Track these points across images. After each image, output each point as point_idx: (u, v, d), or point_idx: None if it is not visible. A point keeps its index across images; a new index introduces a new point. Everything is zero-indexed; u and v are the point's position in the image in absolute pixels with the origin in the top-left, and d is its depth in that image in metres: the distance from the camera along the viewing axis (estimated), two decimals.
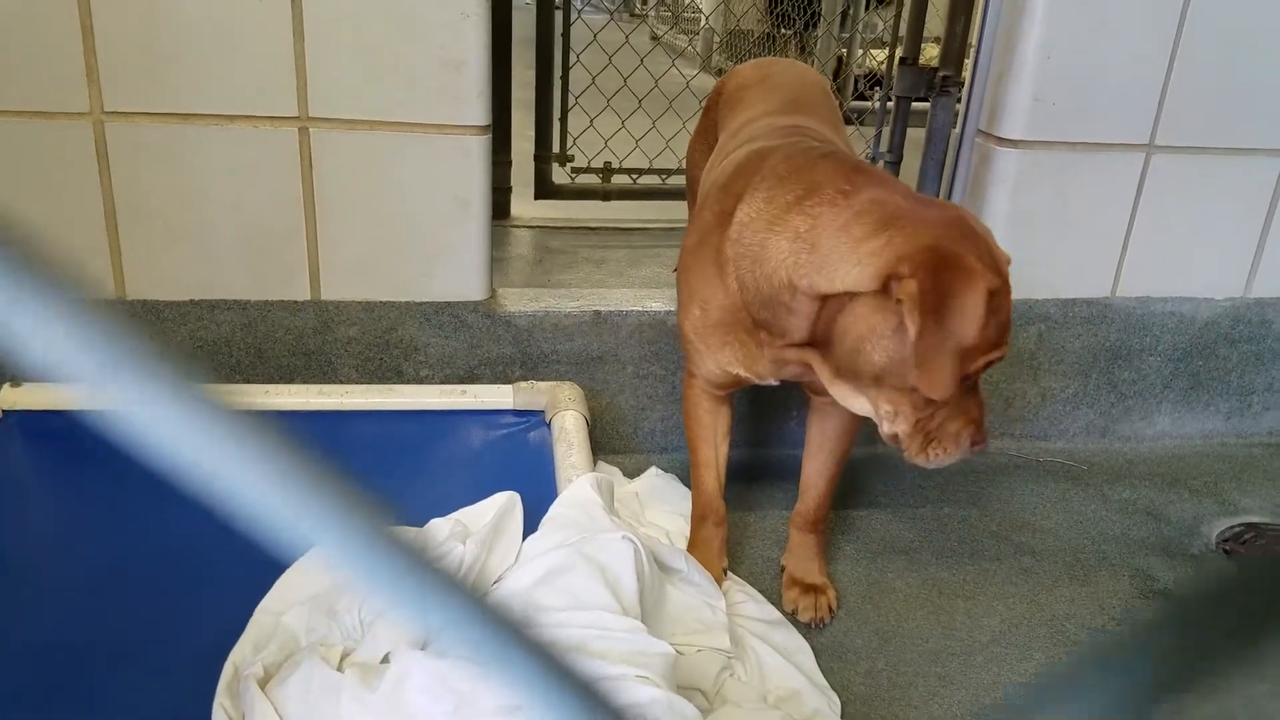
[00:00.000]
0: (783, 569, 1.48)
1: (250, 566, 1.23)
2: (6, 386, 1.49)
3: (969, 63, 1.91)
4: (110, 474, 1.41)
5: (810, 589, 1.43)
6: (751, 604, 1.40)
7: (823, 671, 1.29)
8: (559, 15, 2.45)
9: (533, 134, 2.45)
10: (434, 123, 1.51)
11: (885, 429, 1.17)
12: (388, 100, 1.49)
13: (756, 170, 1.23)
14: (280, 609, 1.19)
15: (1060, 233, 1.79)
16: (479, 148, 1.54)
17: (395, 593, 0.22)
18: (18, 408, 1.48)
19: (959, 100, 2.02)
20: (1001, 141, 1.73)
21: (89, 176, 1.47)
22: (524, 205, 2.48)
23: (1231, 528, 1.68)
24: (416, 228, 1.57)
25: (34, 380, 1.52)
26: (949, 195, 1.93)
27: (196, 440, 0.19)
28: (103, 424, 0.19)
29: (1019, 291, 1.80)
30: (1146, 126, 1.74)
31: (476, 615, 0.23)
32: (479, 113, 1.52)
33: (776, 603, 1.41)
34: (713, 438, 1.40)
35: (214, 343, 1.59)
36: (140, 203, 1.50)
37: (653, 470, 1.67)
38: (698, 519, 1.44)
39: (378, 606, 1.16)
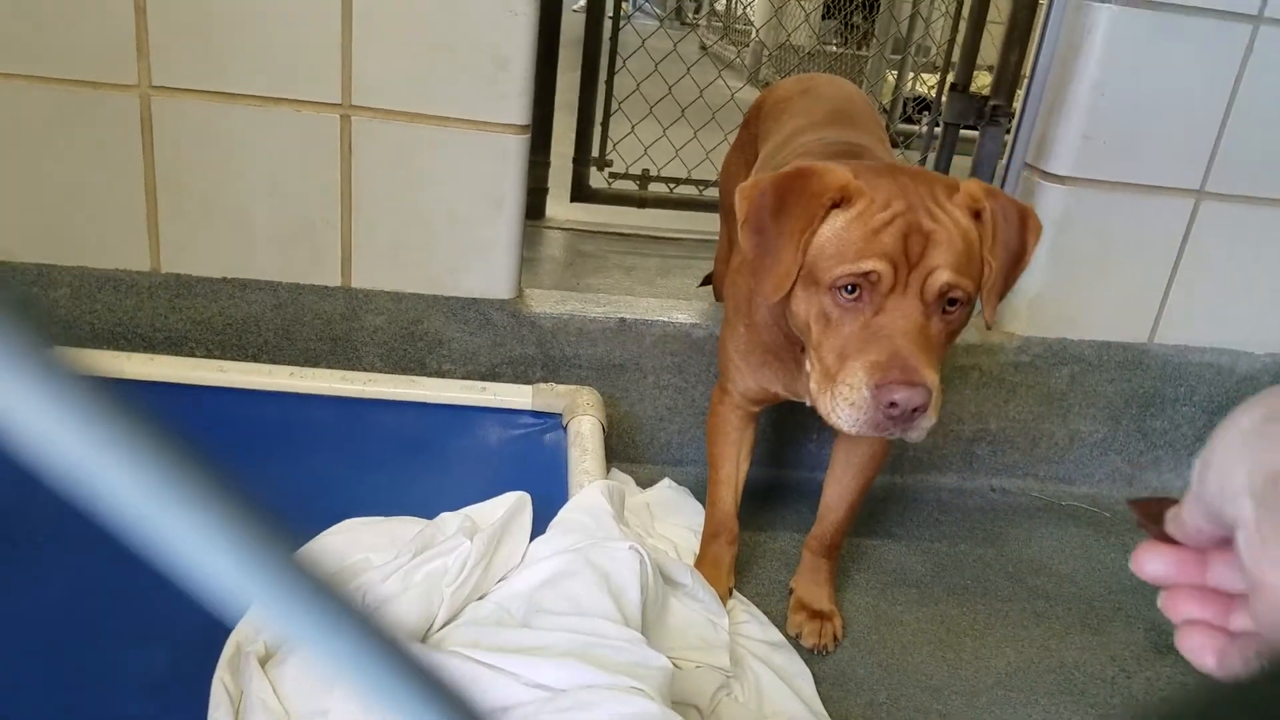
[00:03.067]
0: (790, 591, 1.46)
1: None
2: None
3: (1021, 94, 1.88)
4: None
5: (817, 614, 1.41)
6: (755, 625, 1.39)
7: (822, 699, 1.28)
8: (608, 19, 2.45)
9: (574, 137, 2.45)
10: (474, 119, 1.51)
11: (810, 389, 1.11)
12: (430, 93, 1.49)
13: None
14: None
15: (1101, 273, 1.76)
16: (517, 147, 1.54)
17: (291, 621, 0.20)
18: None
19: (1008, 131, 2.00)
20: (1048, 176, 1.71)
21: (132, 149, 1.48)
22: (559, 207, 2.48)
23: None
24: (449, 222, 1.57)
25: None
26: None
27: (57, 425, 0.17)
28: (122, 392, 0.18)
29: (1054, 330, 1.79)
30: (1198, 172, 1.71)
31: (379, 653, 0.21)
32: (520, 112, 1.52)
33: (781, 625, 1.40)
34: (736, 455, 1.40)
35: (243, 321, 1.59)
36: (180, 178, 1.51)
37: (666, 482, 1.66)
38: (709, 535, 1.42)
39: (384, 593, 1.16)
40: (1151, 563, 0.50)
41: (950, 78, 2.77)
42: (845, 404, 1.03)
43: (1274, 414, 0.41)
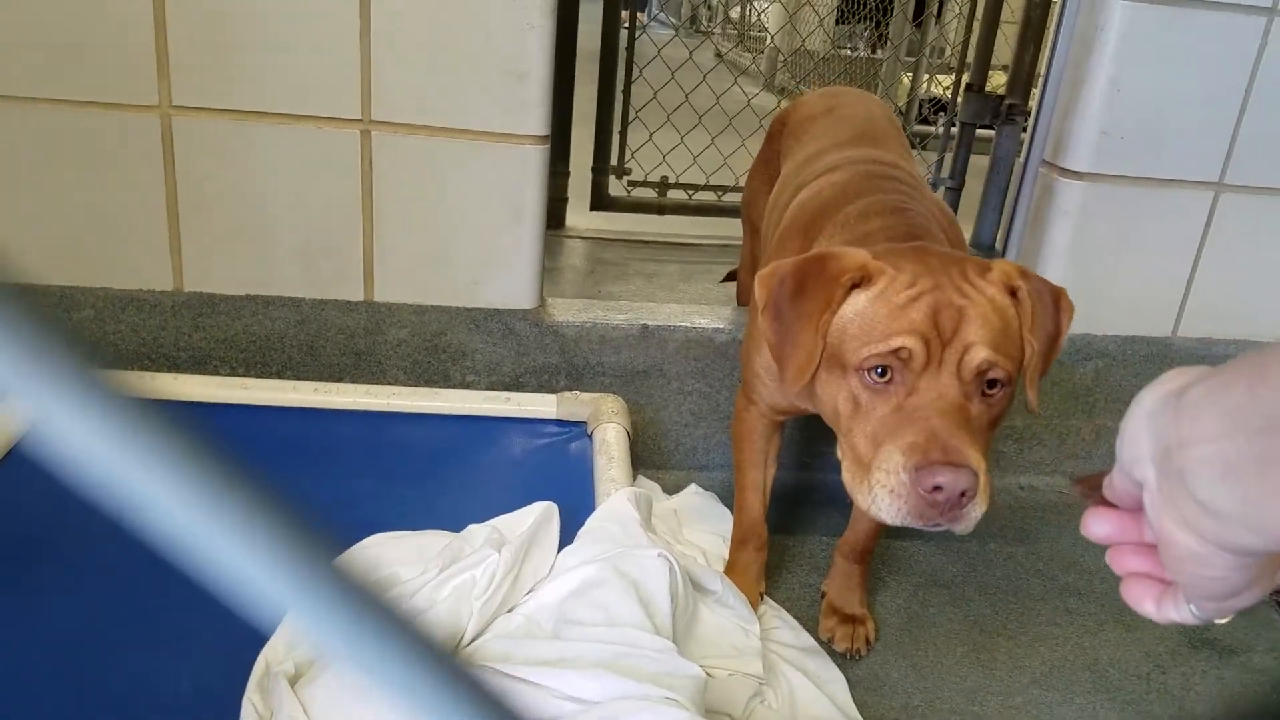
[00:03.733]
0: (822, 595, 1.45)
1: None
2: None
3: (1036, 92, 1.88)
4: None
5: (849, 619, 1.40)
6: (787, 630, 1.38)
7: (856, 704, 1.27)
8: (624, 29, 2.46)
9: (593, 146, 2.46)
10: (493, 131, 1.52)
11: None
12: (449, 106, 1.50)
13: (835, 213, 1.25)
14: None
15: (1122, 268, 1.75)
16: (537, 158, 1.54)
17: (342, 637, 0.20)
18: None
19: (1024, 129, 1.99)
20: (1065, 173, 1.70)
21: (154, 169, 1.50)
22: (579, 216, 2.49)
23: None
24: (470, 234, 1.58)
25: None
26: (1010, 225, 1.90)
27: (112, 448, 0.17)
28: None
29: (1077, 326, 1.77)
30: (1216, 165, 1.70)
31: (434, 671, 0.21)
32: (538, 123, 1.53)
33: (812, 630, 1.39)
34: (762, 462, 1.39)
35: (267, 338, 1.60)
36: (202, 197, 1.52)
37: (692, 487, 1.66)
38: (738, 542, 1.42)
39: (414, 609, 1.17)
40: (1097, 525, 0.58)
41: (965, 78, 2.76)
42: (884, 492, 0.95)
43: (1169, 394, 0.47)
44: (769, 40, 4.54)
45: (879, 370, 0.99)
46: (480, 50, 1.48)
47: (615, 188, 2.52)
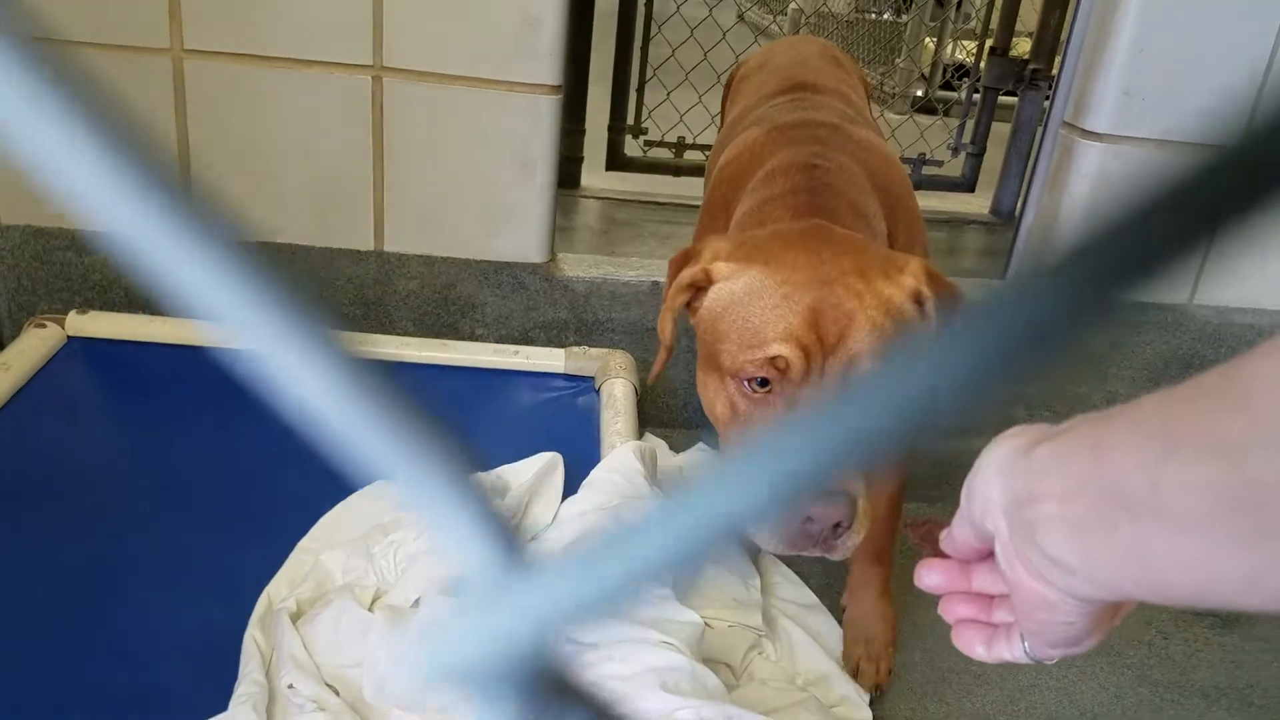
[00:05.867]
0: (843, 609, 1.31)
1: (294, 504, 1.25)
2: (73, 313, 1.53)
3: (1060, 59, 1.85)
4: (166, 405, 1.44)
5: (872, 653, 1.25)
6: (789, 586, 1.38)
7: None
8: None
9: (609, 105, 2.44)
10: (506, 79, 1.51)
11: None
12: (461, 54, 1.49)
13: (748, 177, 1.18)
14: (319, 548, 1.21)
15: None
16: (549, 108, 1.53)
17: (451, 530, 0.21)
18: (83, 334, 1.52)
19: (1047, 96, 1.96)
20: (1086, 134, 1.68)
21: (165, 113, 1.50)
22: (594, 176, 2.47)
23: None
24: (481, 185, 1.57)
25: (101, 309, 1.56)
26: (1028, 187, 1.87)
27: (314, 378, 0.19)
28: (163, 356, 0.20)
29: None
30: (1238, 130, 1.67)
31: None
32: (552, 72, 1.51)
33: (810, 584, 1.39)
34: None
35: None
36: (213, 142, 1.52)
37: (699, 445, 1.66)
38: None
39: (414, 551, 1.17)
40: (929, 576, 0.61)
41: (989, 43, 2.72)
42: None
43: (1019, 449, 0.49)
44: (792, 2, 4.50)
45: (759, 380, 0.91)
46: None
47: (631, 148, 2.50)
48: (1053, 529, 0.45)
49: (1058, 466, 0.46)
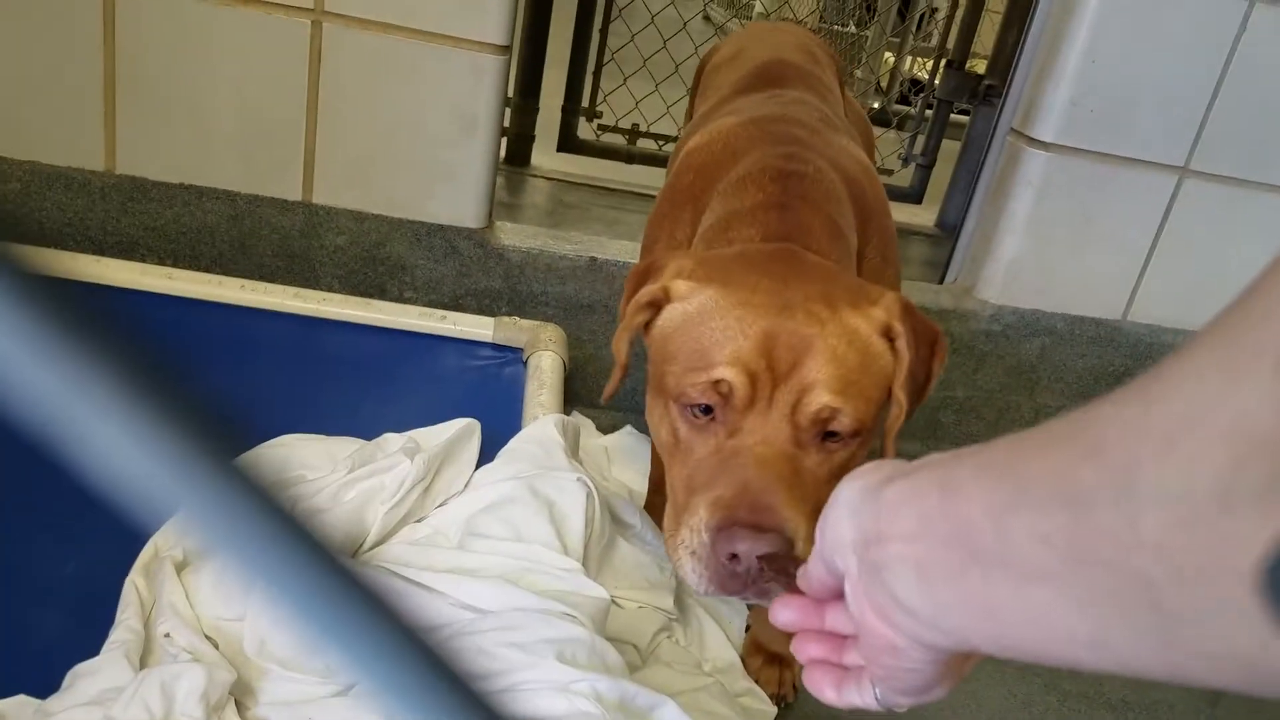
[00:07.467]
0: (747, 627, 1.25)
1: None
2: None
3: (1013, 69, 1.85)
4: None
5: (774, 658, 1.20)
6: None
7: None
8: None
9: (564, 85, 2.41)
10: (451, 34, 1.46)
11: None
12: (406, 4, 1.44)
13: (720, 176, 1.12)
14: None
15: (1079, 245, 1.73)
16: (494, 67, 1.49)
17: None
18: None
19: (1000, 110, 1.96)
20: (1033, 142, 1.67)
21: (93, 41, 1.43)
22: (545, 156, 2.43)
23: None
24: (419, 142, 1.52)
25: None
26: (973, 193, 1.87)
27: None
28: None
29: (1028, 300, 1.75)
30: (1184, 149, 1.68)
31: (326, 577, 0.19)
32: (499, 31, 1.47)
33: None
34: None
35: (198, 230, 1.54)
36: (142, 75, 1.45)
37: (627, 429, 1.62)
38: (654, 488, 1.38)
39: (315, 508, 1.12)
40: (783, 612, 0.59)
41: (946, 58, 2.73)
42: (686, 553, 0.81)
43: (871, 487, 0.47)
44: (756, 5, 4.49)
45: (701, 407, 0.85)
46: None
47: (585, 131, 2.47)
48: (900, 571, 0.44)
49: (906, 505, 0.44)
